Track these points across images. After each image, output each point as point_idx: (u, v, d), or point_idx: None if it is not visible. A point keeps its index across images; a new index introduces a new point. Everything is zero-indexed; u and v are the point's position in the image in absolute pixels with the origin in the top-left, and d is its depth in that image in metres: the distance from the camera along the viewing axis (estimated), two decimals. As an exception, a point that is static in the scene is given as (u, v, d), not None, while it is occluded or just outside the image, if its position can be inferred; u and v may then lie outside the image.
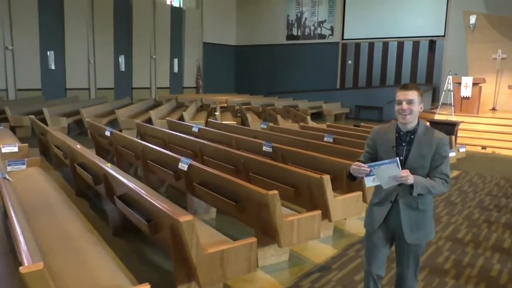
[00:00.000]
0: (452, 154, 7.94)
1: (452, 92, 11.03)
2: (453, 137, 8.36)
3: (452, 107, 11.00)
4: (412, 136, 2.45)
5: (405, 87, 2.43)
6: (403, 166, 2.38)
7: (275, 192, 3.39)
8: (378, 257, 2.60)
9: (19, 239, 2.21)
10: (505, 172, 8.17)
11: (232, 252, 2.90)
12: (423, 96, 2.48)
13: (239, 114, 14.96)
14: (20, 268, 1.89)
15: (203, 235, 3.22)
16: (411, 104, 2.40)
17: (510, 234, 4.80)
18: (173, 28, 19.40)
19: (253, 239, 3.03)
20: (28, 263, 1.96)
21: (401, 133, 2.48)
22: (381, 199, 2.54)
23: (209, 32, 21.13)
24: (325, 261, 3.98)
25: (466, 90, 12.28)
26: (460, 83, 12.39)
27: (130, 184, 3.54)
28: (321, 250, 4.23)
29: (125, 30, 17.57)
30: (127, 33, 17.71)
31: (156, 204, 3.03)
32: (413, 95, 2.41)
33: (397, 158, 2.32)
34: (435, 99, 16.39)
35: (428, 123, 10.15)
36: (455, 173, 7.95)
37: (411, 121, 2.44)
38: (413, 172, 2.36)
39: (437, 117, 10.95)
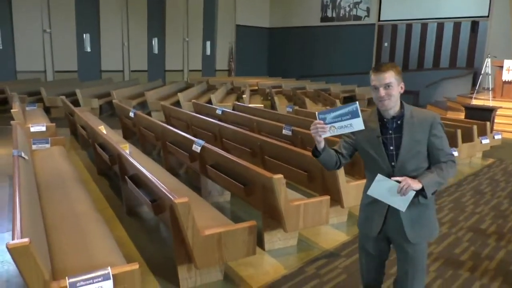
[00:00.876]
0: (486, 141, 7.55)
1: (490, 76, 10.41)
2: (488, 123, 7.90)
3: (490, 91, 10.39)
4: (399, 122, 2.12)
5: (379, 69, 2.07)
6: (397, 158, 2.09)
7: (280, 175, 3.32)
8: (374, 268, 2.38)
9: (15, 215, 2.27)
10: (545, 161, 7.68)
11: (229, 235, 2.87)
12: (401, 74, 2.12)
13: (269, 98, 14.85)
14: (7, 243, 1.94)
15: (205, 217, 3.23)
16: (388, 88, 2.06)
17: (539, 227, 4.52)
18: (206, 10, 19.39)
19: (253, 223, 2.98)
20: (16, 239, 2.01)
21: (385, 120, 2.14)
22: (375, 198, 2.18)
23: (242, 14, 20.97)
24: (335, 247, 3.89)
25: (508, 74, 11.56)
26: (502, 67, 11.68)
27: (138, 165, 3.57)
28: (332, 236, 4.14)
29: (158, 13, 17.74)
30: (160, 16, 17.87)
31: (158, 185, 3.05)
32: (389, 77, 2.05)
33: (357, 102, 2.06)
34: (475, 83, 15.58)
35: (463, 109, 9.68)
36: (488, 161, 7.56)
37: (392, 106, 2.10)
38: (407, 163, 2.08)
39: (474, 102, 10.40)
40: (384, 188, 2.06)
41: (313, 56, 20.82)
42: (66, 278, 2.12)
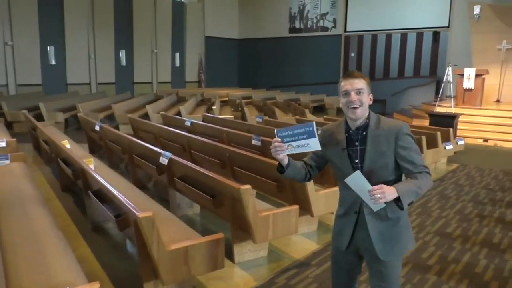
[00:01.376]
0: (449, 147, 7.77)
1: (451, 84, 10.78)
2: (451, 129, 8.15)
3: (452, 99, 10.76)
4: (364, 133, 2.02)
5: (351, 75, 2.02)
6: (361, 170, 1.99)
7: (248, 186, 3.29)
8: (344, 281, 2.26)
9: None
10: (506, 165, 7.97)
11: (196, 249, 2.80)
12: (370, 85, 2.06)
13: (239, 109, 14.85)
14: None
15: (172, 231, 3.15)
16: (360, 95, 1.98)
17: (502, 229, 4.66)
18: (174, 22, 19.31)
19: (220, 235, 2.93)
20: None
21: (351, 131, 2.06)
22: (346, 210, 2.12)
23: (211, 26, 20.99)
24: (305, 257, 3.88)
25: (468, 82, 12.03)
26: (462, 75, 12.14)
27: (101, 179, 3.46)
28: (303, 246, 4.13)
29: (125, 25, 17.52)
30: (128, 28, 17.66)
31: (122, 199, 2.95)
32: (361, 83, 1.99)
33: (313, 122, 1.99)
34: (438, 91, 16.12)
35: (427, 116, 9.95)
36: (452, 166, 7.78)
37: (362, 115, 2.01)
38: (373, 175, 1.97)
39: (437, 109, 10.73)
40: (361, 183, 1.91)
41: (283, 67, 21.03)
42: (21, 301, 2.00)
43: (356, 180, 1.90)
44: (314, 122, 2.03)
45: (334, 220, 2.26)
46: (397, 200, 1.89)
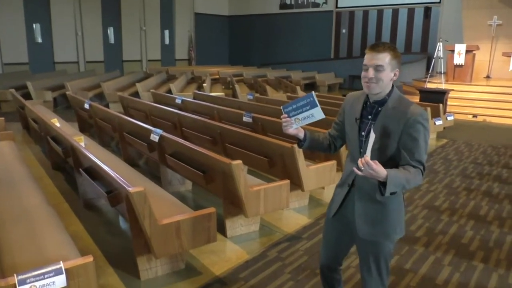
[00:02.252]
0: (439, 123, 7.84)
1: (442, 60, 10.79)
2: (441, 105, 8.20)
3: (442, 75, 10.78)
4: (380, 108, 1.95)
5: (374, 48, 1.88)
6: (364, 144, 1.96)
7: (239, 161, 3.31)
8: (330, 250, 2.25)
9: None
10: (494, 140, 8.08)
11: (188, 223, 2.83)
12: (400, 59, 1.93)
13: (230, 86, 14.75)
14: None
15: (164, 207, 3.17)
16: (379, 72, 1.87)
17: (488, 202, 4.76)
18: (163, -2, 18.93)
19: (212, 209, 2.96)
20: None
21: (368, 103, 2.00)
22: (343, 181, 2.11)
23: (200, 2, 20.60)
24: (296, 230, 3.94)
25: (459, 58, 12.04)
26: (453, 51, 12.14)
27: (92, 156, 3.45)
28: (294, 220, 4.19)
29: (113, 1, 17.12)
30: (115, 4, 17.27)
31: (113, 175, 2.96)
32: (383, 59, 1.87)
33: (312, 92, 1.98)
34: (429, 67, 16.12)
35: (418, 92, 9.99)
36: (441, 141, 7.87)
37: (379, 92, 1.92)
38: (373, 153, 1.86)
39: (428, 85, 10.76)
40: (369, 146, 1.82)
41: (274, 44, 20.81)
42: (15, 275, 2.02)
43: (369, 140, 1.83)
44: (313, 92, 2.04)
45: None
46: (382, 185, 1.81)
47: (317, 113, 2.04)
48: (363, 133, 1.99)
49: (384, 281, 2.09)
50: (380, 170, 1.74)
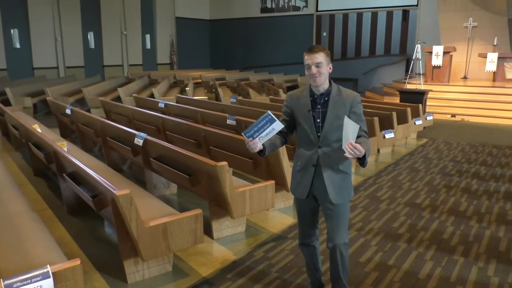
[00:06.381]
0: (419, 122, 8.02)
1: (420, 62, 11.03)
2: (421, 105, 8.39)
3: (421, 76, 11.02)
4: (326, 98, 2.43)
5: (311, 51, 2.37)
6: (322, 129, 2.40)
7: (224, 163, 3.34)
8: (308, 224, 2.65)
9: None
10: (472, 138, 8.30)
11: (175, 225, 2.85)
12: (330, 56, 2.44)
13: (213, 90, 14.76)
14: None
15: (150, 209, 3.17)
16: (319, 67, 2.35)
17: (467, 198, 4.89)
18: (143, 2, 18.82)
19: (198, 211, 2.98)
20: None
21: (315, 96, 2.46)
22: (303, 165, 2.51)
23: (181, 6, 20.59)
24: (282, 230, 3.98)
25: (437, 59, 12.34)
26: (431, 52, 12.43)
27: (75, 161, 3.43)
28: (280, 220, 4.23)
29: (92, 5, 16.97)
30: (95, 8, 17.12)
31: (98, 179, 2.95)
32: (320, 57, 2.35)
33: (268, 111, 2.32)
34: (408, 69, 16.45)
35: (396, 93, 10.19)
36: (422, 141, 8.04)
37: (322, 83, 2.41)
38: (330, 134, 2.38)
39: (408, 86, 10.98)
40: (351, 133, 2.17)
41: (255, 48, 20.91)
42: (1, 280, 2.00)
43: (351, 129, 2.16)
44: (269, 111, 2.33)
45: (291, 176, 2.63)
46: (363, 158, 2.26)
47: (277, 126, 2.30)
48: (318, 120, 2.43)
49: (347, 234, 2.60)
50: (361, 149, 2.17)
